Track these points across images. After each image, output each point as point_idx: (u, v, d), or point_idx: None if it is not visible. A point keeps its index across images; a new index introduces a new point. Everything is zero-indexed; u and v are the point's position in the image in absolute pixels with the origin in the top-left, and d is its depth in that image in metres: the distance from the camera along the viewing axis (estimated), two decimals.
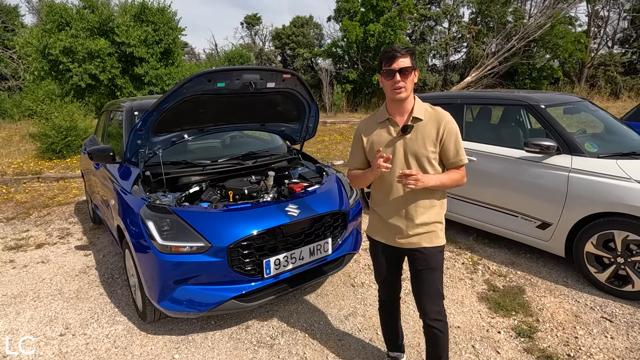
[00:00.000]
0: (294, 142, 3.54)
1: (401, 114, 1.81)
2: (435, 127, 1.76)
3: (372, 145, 1.87)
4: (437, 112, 1.79)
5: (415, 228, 1.82)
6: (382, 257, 1.98)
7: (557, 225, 3.17)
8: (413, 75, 1.74)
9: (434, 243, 1.83)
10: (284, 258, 2.47)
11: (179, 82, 2.40)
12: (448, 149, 1.77)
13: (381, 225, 1.92)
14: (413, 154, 1.78)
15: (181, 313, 2.33)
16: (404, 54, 1.70)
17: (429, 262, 1.82)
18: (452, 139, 1.76)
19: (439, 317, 1.84)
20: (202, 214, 2.39)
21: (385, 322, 2.17)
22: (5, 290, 3.23)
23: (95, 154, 3.01)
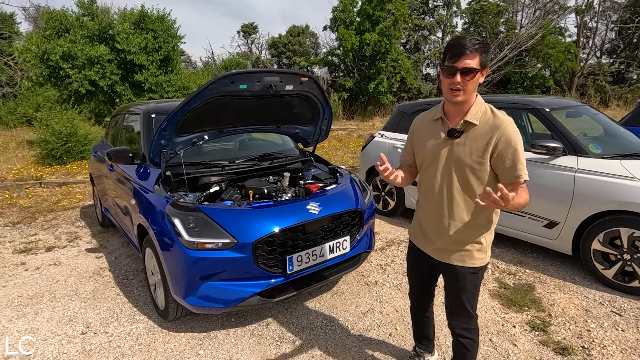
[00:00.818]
0: (307, 144, 3.62)
1: (456, 115, 1.62)
2: (489, 135, 1.53)
3: (420, 143, 1.75)
4: (496, 118, 1.54)
5: (446, 243, 1.69)
6: (416, 262, 1.93)
7: (564, 224, 3.27)
8: (478, 77, 1.51)
9: (465, 263, 1.67)
10: (305, 255, 2.52)
11: (204, 83, 2.47)
12: (503, 161, 1.51)
13: (419, 230, 1.85)
14: (457, 162, 1.60)
15: (206, 309, 2.37)
16: (473, 51, 1.46)
17: (458, 281, 1.70)
18: (508, 150, 1.50)
19: (466, 334, 1.76)
20: (228, 211, 2.44)
21: (415, 323, 2.17)
22: (20, 292, 3.23)
23: (115, 155, 3.06)
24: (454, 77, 1.49)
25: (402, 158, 1.93)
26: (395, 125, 4.94)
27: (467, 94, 1.53)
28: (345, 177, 3.25)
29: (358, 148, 10.70)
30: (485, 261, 1.70)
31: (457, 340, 1.79)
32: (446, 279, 1.79)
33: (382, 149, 4.92)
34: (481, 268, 1.70)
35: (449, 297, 1.80)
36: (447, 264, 1.72)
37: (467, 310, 1.74)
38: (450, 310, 1.80)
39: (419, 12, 23.77)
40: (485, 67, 1.53)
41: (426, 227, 1.79)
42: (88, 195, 6.31)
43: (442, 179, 1.66)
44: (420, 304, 2.07)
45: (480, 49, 1.48)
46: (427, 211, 1.78)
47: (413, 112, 4.75)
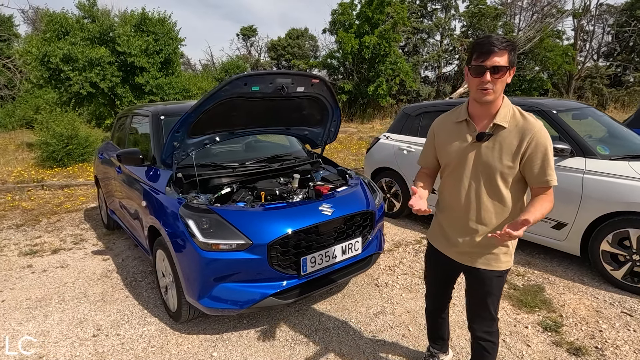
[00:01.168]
0: (315, 146, 3.62)
1: (483, 117, 1.58)
2: (519, 139, 1.50)
3: (443, 147, 1.70)
4: (527, 122, 1.51)
5: (472, 246, 1.66)
6: (434, 264, 1.91)
7: (572, 225, 3.29)
8: (507, 76, 1.48)
9: (492, 267, 1.65)
10: (319, 256, 2.53)
11: (218, 85, 2.48)
12: (533, 166, 1.49)
13: (440, 233, 1.81)
14: (485, 166, 1.56)
15: (221, 310, 2.37)
16: (502, 49, 1.43)
17: (484, 285, 1.68)
18: (538, 155, 1.48)
19: (487, 337, 1.74)
20: (242, 213, 2.44)
21: (430, 324, 2.16)
22: (28, 294, 3.21)
23: (124, 156, 3.05)
24: (483, 76, 1.45)
25: (421, 161, 1.90)
26: (400, 127, 4.96)
27: (497, 93, 1.49)
28: (354, 178, 3.25)
29: (359, 150, 10.73)
30: (511, 264, 1.68)
31: (477, 343, 1.78)
32: (469, 282, 1.77)
33: (387, 151, 4.93)
34: (506, 271, 1.69)
35: (472, 301, 1.78)
36: (471, 267, 1.70)
37: (491, 314, 1.73)
38: (474, 314, 1.78)
39: (417, 15, 23.90)
40: (513, 66, 1.48)
41: (449, 230, 1.75)
42: (91, 198, 6.29)
43: (469, 184, 1.61)
44: (438, 306, 2.07)
45: (508, 46, 1.45)
46: (450, 214, 1.74)
47: (418, 114, 4.77)
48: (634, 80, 25.23)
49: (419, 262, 3.69)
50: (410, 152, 4.64)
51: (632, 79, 25.61)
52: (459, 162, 1.64)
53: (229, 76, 19.40)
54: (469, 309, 1.81)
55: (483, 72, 1.45)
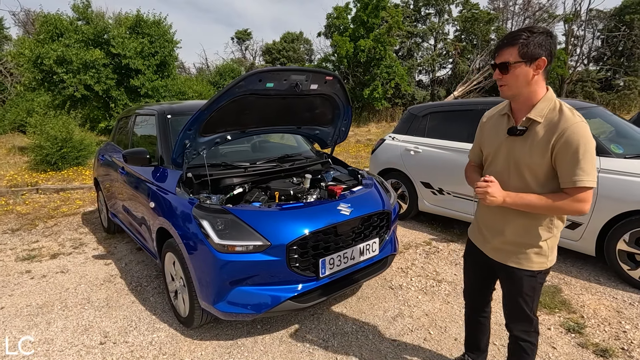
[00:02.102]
0: (325, 145, 3.55)
1: (522, 111, 1.53)
2: (550, 134, 1.43)
3: (484, 139, 1.71)
4: (562, 117, 1.42)
5: (503, 243, 1.63)
6: (472, 261, 1.88)
7: (587, 225, 3.25)
8: (519, 71, 1.42)
9: (522, 266, 1.59)
10: (337, 257, 2.44)
11: (233, 81, 2.39)
12: (561, 164, 1.42)
13: (477, 229, 1.80)
14: (515, 161, 1.53)
15: (237, 315, 2.27)
16: (508, 45, 1.42)
17: (515, 284, 1.63)
18: (567, 153, 1.39)
19: (525, 337, 1.69)
20: (259, 213, 2.35)
21: (467, 327, 2.09)
22: (28, 301, 3.07)
23: (131, 157, 2.94)
24: (495, 73, 1.49)
25: (470, 154, 1.89)
26: (406, 128, 4.90)
27: (512, 88, 1.47)
28: (368, 178, 3.18)
29: (358, 153, 10.69)
30: (546, 265, 1.60)
31: (516, 343, 1.72)
32: (503, 281, 1.73)
33: (393, 152, 4.87)
34: (540, 272, 1.61)
35: (506, 300, 1.73)
36: (504, 265, 1.65)
37: (525, 314, 1.66)
38: (508, 313, 1.73)
39: (411, 20, 24.05)
40: (532, 59, 1.40)
41: (483, 225, 1.73)
42: (88, 201, 6.13)
43: (501, 177, 1.56)
44: (475, 305, 1.99)
45: (515, 41, 1.41)
46: (485, 209, 1.72)
47: (424, 115, 4.73)
48: (624, 84, 25.65)
49: (430, 264, 3.62)
50: (417, 153, 4.58)
51: (622, 83, 26.04)
52: (495, 155, 1.62)
53: (224, 79, 19.31)
54: (504, 309, 1.76)
55: (495, 69, 1.49)
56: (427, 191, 4.52)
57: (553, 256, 1.62)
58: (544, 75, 1.47)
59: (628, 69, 25.88)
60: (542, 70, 1.44)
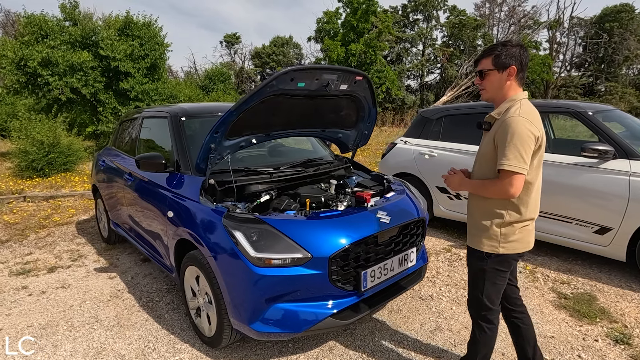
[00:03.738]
0: (347, 149, 3.39)
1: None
2: (496, 127, 1.71)
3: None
4: (505, 114, 1.67)
5: (469, 226, 1.88)
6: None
7: (618, 230, 3.17)
8: (493, 77, 1.71)
9: (474, 245, 1.81)
10: (378, 269, 2.27)
11: (264, 80, 2.22)
12: (497, 150, 1.66)
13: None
14: (480, 152, 1.83)
15: (275, 335, 2.07)
16: (484, 55, 1.74)
17: (469, 265, 1.88)
18: (500, 142, 1.63)
19: (476, 319, 1.88)
20: (296, 222, 2.16)
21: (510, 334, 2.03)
22: (29, 320, 2.80)
23: (144, 162, 2.72)
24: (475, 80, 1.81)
25: None
26: (419, 131, 4.79)
27: (489, 92, 1.76)
28: (396, 183, 3.03)
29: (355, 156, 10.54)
30: (497, 250, 1.73)
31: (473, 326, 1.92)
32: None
33: (406, 156, 4.75)
34: (490, 255, 1.75)
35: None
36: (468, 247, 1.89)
37: (475, 295, 1.84)
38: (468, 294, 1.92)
39: (400, 25, 24.27)
40: (503, 67, 1.68)
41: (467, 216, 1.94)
42: (81, 209, 5.80)
43: (474, 168, 1.86)
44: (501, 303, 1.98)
45: (488, 53, 1.72)
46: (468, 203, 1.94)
47: (439, 118, 4.63)
48: (605, 89, 26.42)
49: (456, 272, 3.48)
50: (432, 157, 4.47)
51: (603, 89, 26.80)
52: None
53: (213, 83, 18.98)
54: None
55: (476, 77, 1.80)
56: (443, 196, 4.40)
57: (510, 246, 1.73)
58: (518, 82, 1.72)
59: (608, 74, 26.70)
60: (513, 77, 1.69)
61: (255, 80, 21.91)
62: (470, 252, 1.85)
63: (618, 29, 25.08)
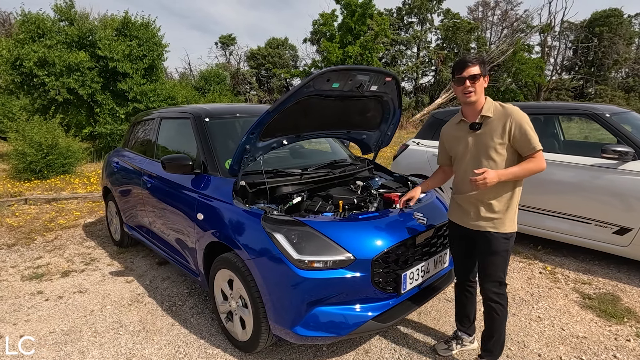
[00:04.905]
0: (369, 150, 3.37)
1: (473, 114, 2.04)
2: (503, 122, 1.93)
3: (451, 144, 2.17)
4: (505, 109, 1.96)
5: (484, 212, 2.01)
6: (457, 237, 2.21)
7: (638, 230, 3.21)
8: (482, 81, 1.96)
9: (499, 229, 1.99)
10: (416, 271, 2.26)
11: (302, 81, 2.20)
12: (519, 139, 1.90)
13: (457, 209, 2.16)
14: (482, 147, 1.99)
15: (317, 339, 2.04)
16: (474, 62, 1.94)
17: (491, 247, 2.01)
18: (521, 130, 1.89)
19: (495, 297, 2.05)
20: (336, 224, 2.14)
21: (457, 300, 2.37)
22: (51, 327, 2.72)
23: (171, 164, 2.66)
24: (464, 84, 1.94)
25: (439, 160, 2.37)
26: (432, 133, 4.80)
27: (477, 94, 1.96)
28: None
29: None
30: (515, 228, 2.03)
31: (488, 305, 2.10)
32: (481, 246, 2.06)
33: (419, 158, 4.76)
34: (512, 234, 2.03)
35: (482, 263, 2.08)
36: (483, 232, 2.02)
37: (498, 274, 2.03)
38: (483, 275, 2.07)
39: (395, 28, 24.41)
40: (485, 75, 1.97)
41: (463, 204, 2.10)
42: (86, 212, 5.69)
43: (474, 164, 2.00)
44: (463, 278, 2.28)
45: (478, 61, 1.96)
46: (463, 192, 2.10)
47: None
48: (595, 92, 26.90)
49: None
50: None
51: (593, 91, 27.29)
52: (463, 149, 2.06)
53: (208, 85, 18.85)
54: (480, 272, 2.10)
55: (463, 81, 1.95)
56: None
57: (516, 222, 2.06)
58: None
59: (598, 77, 27.20)
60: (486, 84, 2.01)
61: (250, 81, 21.82)
62: (494, 238, 2.00)
63: (607, 33, 25.59)
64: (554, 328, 2.63)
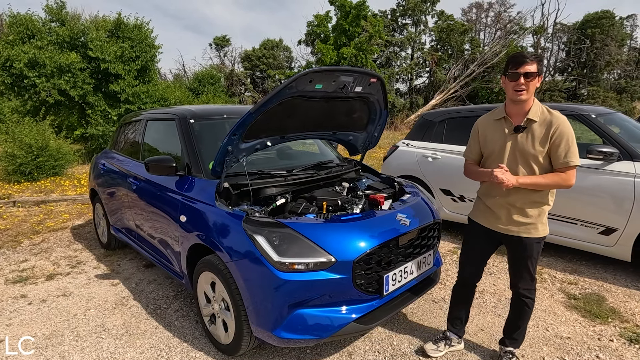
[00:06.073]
0: (356, 152, 3.37)
1: (517, 114, 1.96)
2: (547, 129, 1.88)
3: (486, 140, 2.08)
4: (553, 116, 1.89)
5: (517, 217, 2.00)
6: (478, 240, 2.20)
7: (623, 231, 3.22)
8: (536, 80, 1.88)
9: (532, 234, 2.00)
10: (399, 273, 2.25)
11: (284, 81, 2.18)
12: (557, 150, 1.87)
13: (486, 211, 2.13)
14: (521, 152, 1.93)
15: (298, 341, 2.03)
16: (532, 60, 1.85)
17: (525, 251, 2.02)
18: (562, 141, 1.85)
19: (527, 294, 2.11)
20: (318, 226, 2.12)
21: (455, 301, 2.38)
22: (32, 330, 2.69)
23: (154, 165, 2.64)
24: (518, 80, 1.85)
25: (468, 155, 2.24)
26: (422, 134, 4.81)
27: (529, 93, 1.88)
28: (409, 186, 3.02)
29: None
30: (547, 232, 2.04)
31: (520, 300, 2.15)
32: (513, 250, 2.08)
33: (409, 159, 4.76)
34: (544, 237, 2.04)
35: (515, 265, 2.11)
36: (515, 237, 2.02)
37: (531, 274, 2.08)
38: (516, 275, 2.12)
39: (389, 29, 24.48)
40: (540, 74, 1.89)
41: (494, 207, 2.07)
42: (75, 214, 5.64)
43: (510, 166, 1.96)
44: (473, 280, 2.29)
45: (536, 59, 1.86)
46: (494, 194, 2.05)
47: (441, 121, 4.65)
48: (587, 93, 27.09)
49: None
50: (436, 160, 4.48)
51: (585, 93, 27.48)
52: (500, 151, 2.00)
53: (202, 86, 18.80)
54: (512, 272, 2.14)
55: (518, 77, 1.85)
56: (447, 198, 4.42)
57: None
58: None
59: (591, 79, 27.39)
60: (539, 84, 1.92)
61: (245, 83, 21.78)
62: (528, 243, 2.00)
63: (599, 34, 25.78)
64: (539, 329, 2.63)
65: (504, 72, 1.95)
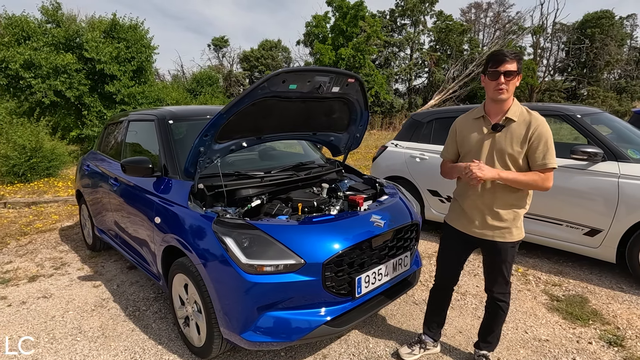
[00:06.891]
0: (338, 153, 3.34)
1: (496, 113, 1.93)
2: (526, 130, 1.84)
3: (464, 139, 2.04)
4: (532, 116, 1.86)
5: (491, 221, 1.97)
6: (454, 243, 2.16)
7: (608, 232, 3.19)
8: (516, 79, 1.85)
9: (506, 239, 1.97)
10: (372, 274, 2.23)
11: (256, 82, 2.16)
12: (535, 152, 1.84)
13: (461, 214, 2.09)
14: (499, 151, 1.90)
15: (267, 344, 2.00)
16: (512, 58, 1.81)
17: (499, 255, 2.00)
18: (540, 143, 1.82)
19: (501, 297, 2.10)
20: (288, 228, 2.10)
21: (432, 305, 2.34)
22: (8, 333, 2.67)
23: (131, 166, 2.63)
24: (498, 79, 1.81)
25: (445, 155, 2.19)
26: (410, 134, 4.78)
27: (509, 92, 1.85)
28: (389, 187, 3.00)
29: None
30: (522, 236, 2.01)
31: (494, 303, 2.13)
32: (487, 254, 2.07)
33: (397, 159, 4.74)
34: (519, 242, 2.02)
35: (489, 269, 2.09)
36: (489, 241, 2.00)
37: (505, 279, 2.06)
38: (490, 279, 2.10)
39: (388, 30, 24.45)
40: (520, 73, 1.84)
41: (469, 210, 2.03)
42: (65, 216, 5.63)
43: (487, 164, 1.90)
44: (449, 284, 2.26)
45: (516, 57, 1.82)
46: (469, 196, 2.01)
47: (429, 121, 4.63)
48: (587, 93, 27.01)
49: None
50: (423, 160, 4.46)
51: (585, 92, 27.40)
52: (477, 149, 1.96)
53: (200, 87, 18.81)
54: (487, 276, 2.12)
55: (498, 76, 1.81)
56: (434, 199, 4.39)
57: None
58: None
59: (590, 79, 27.32)
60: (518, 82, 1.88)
61: (243, 83, 21.77)
62: (502, 247, 1.98)
63: (599, 34, 25.72)
64: (518, 331, 2.60)
65: (483, 71, 1.91)
